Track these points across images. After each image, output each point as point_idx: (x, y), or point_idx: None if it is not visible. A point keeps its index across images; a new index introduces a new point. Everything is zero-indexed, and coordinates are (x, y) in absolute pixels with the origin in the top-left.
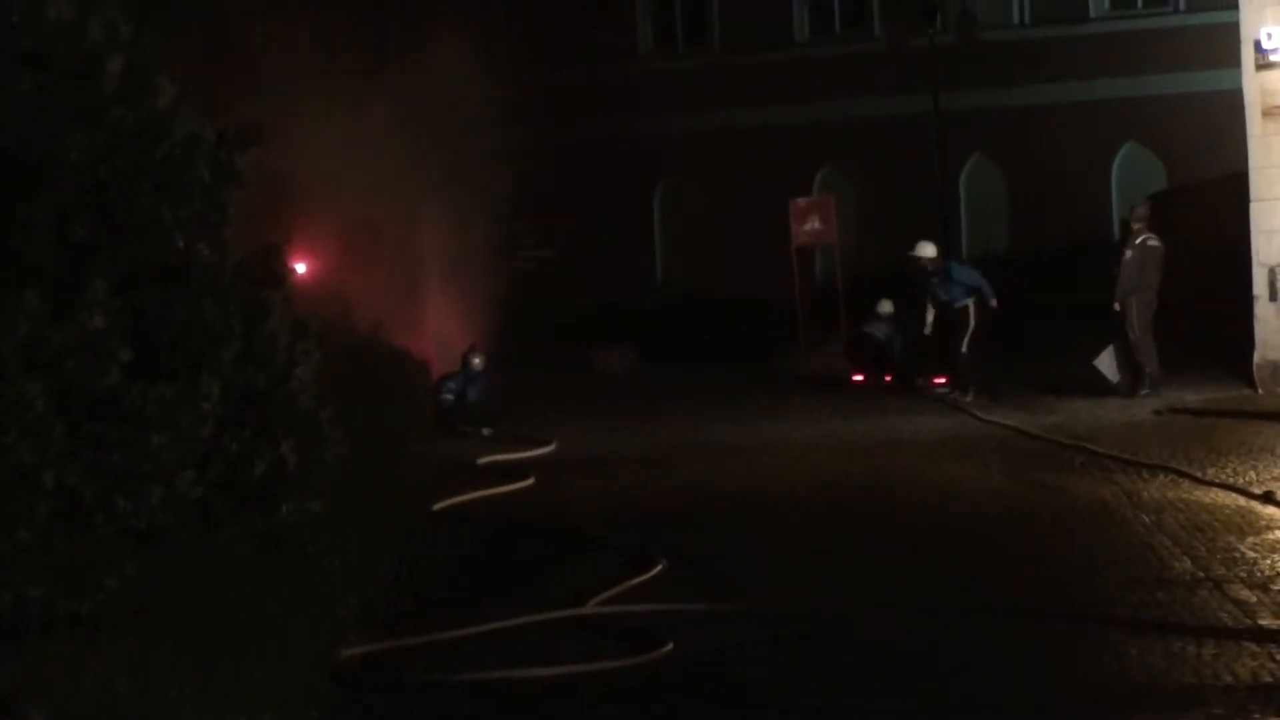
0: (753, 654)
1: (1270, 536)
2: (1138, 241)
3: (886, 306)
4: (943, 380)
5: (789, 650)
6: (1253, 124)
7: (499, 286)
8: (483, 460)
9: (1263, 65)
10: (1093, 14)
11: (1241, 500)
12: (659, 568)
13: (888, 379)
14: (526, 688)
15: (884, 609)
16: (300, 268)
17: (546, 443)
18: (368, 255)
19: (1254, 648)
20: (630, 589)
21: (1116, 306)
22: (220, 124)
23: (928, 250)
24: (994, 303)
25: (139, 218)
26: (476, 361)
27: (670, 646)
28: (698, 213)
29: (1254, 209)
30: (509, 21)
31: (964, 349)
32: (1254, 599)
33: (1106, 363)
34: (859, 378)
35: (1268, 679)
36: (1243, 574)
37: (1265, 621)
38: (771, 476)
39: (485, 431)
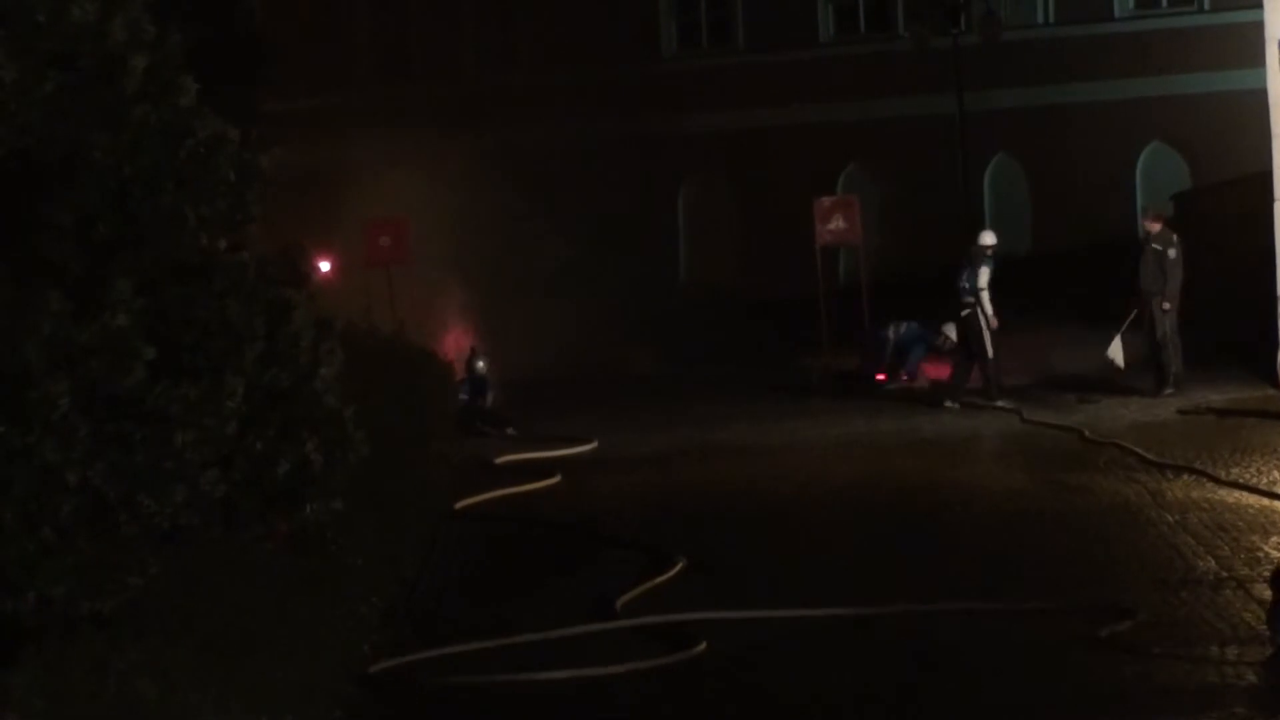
0: (776, 656)
1: None
2: (1176, 238)
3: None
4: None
5: (809, 651)
6: (1277, 123)
7: (522, 286)
8: (501, 460)
9: None
10: (1117, 13)
11: (1265, 500)
12: (678, 567)
13: (881, 377)
14: (552, 690)
15: (905, 610)
16: (325, 266)
17: (587, 441)
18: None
19: None
20: (653, 588)
21: (1166, 306)
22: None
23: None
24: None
25: (162, 217)
26: (480, 365)
27: (704, 646)
28: (722, 212)
29: (1278, 208)
30: (533, 21)
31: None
32: None
33: (1115, 350)
34: (881, 377)
35: None
36: (1266, 574)
37: None
38: (794, 476)
39: (510, 431)
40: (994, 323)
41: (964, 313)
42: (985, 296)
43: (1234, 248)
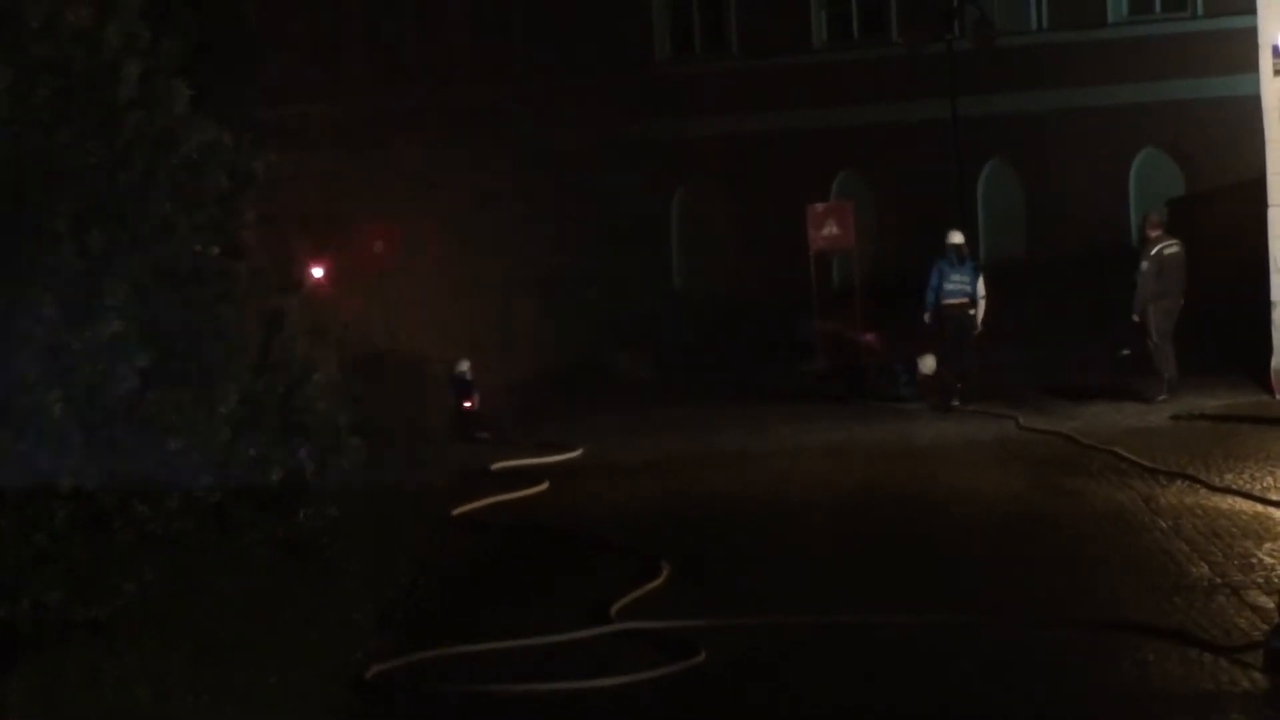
0: (773, 663)
1: None
2: (1154, 251)
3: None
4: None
5: (806, 659)
6: (1270, 129)
7: (515, 292)
8: (497, 466)
9: None
10: (1110, 19)
11: (1259, 506)
12: (665, 573)
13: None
14: (547, 696)
15: (902, 615)
16: (318, 272)
17: (571, 448)
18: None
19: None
20: (646, 595)
21: (1135, 318)
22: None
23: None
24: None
25: (155, 224)
26: (463, 367)
27: (703, 656)
28: (716, 218)
29: (1272, 214)
30: (527, 27)
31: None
32: (1271, 605)
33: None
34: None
35: None
36: (1260, 579)
37: None
38: (788, 482)
39: (505, 428)
40: (979, 327)
41: (971, 311)
42: (983, 304)
43: (1228, 254)
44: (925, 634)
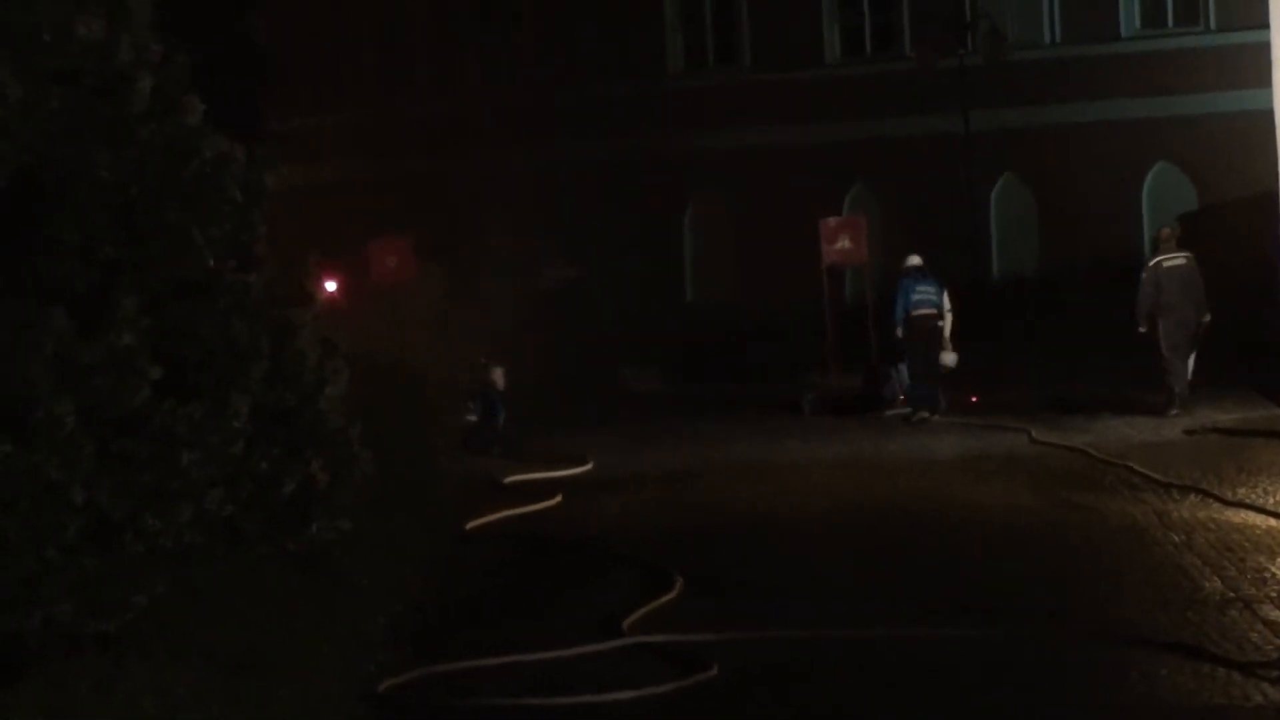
0: (786, 676)
1: None
2: (1151, 263)
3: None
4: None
5: (821, 672)
6: None
7: (526, 304)
8: (509, 479)
9: None
10: (1123, 33)
11: (1272, 520)
12: (678, 587)
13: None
14: (557, 710)
15: (914, 629)
16: (330, 286)
17: (583, 461)
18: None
19: None
20: (659, 608)
21: (1141, 329)
22: None
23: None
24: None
25: (168, 236)
26: (497, 376)
27: (715, 670)
28: (727, 232)
29: None
30: (538, 40)
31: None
32: None
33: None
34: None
35: None
36: (1273, 594)
37: None
38: (798, 496)
39: (516, 443)
40: (948, 343)
41: (939, 324)
42: (950, 317)
43: (1240, 268)
44: (937, 647)
